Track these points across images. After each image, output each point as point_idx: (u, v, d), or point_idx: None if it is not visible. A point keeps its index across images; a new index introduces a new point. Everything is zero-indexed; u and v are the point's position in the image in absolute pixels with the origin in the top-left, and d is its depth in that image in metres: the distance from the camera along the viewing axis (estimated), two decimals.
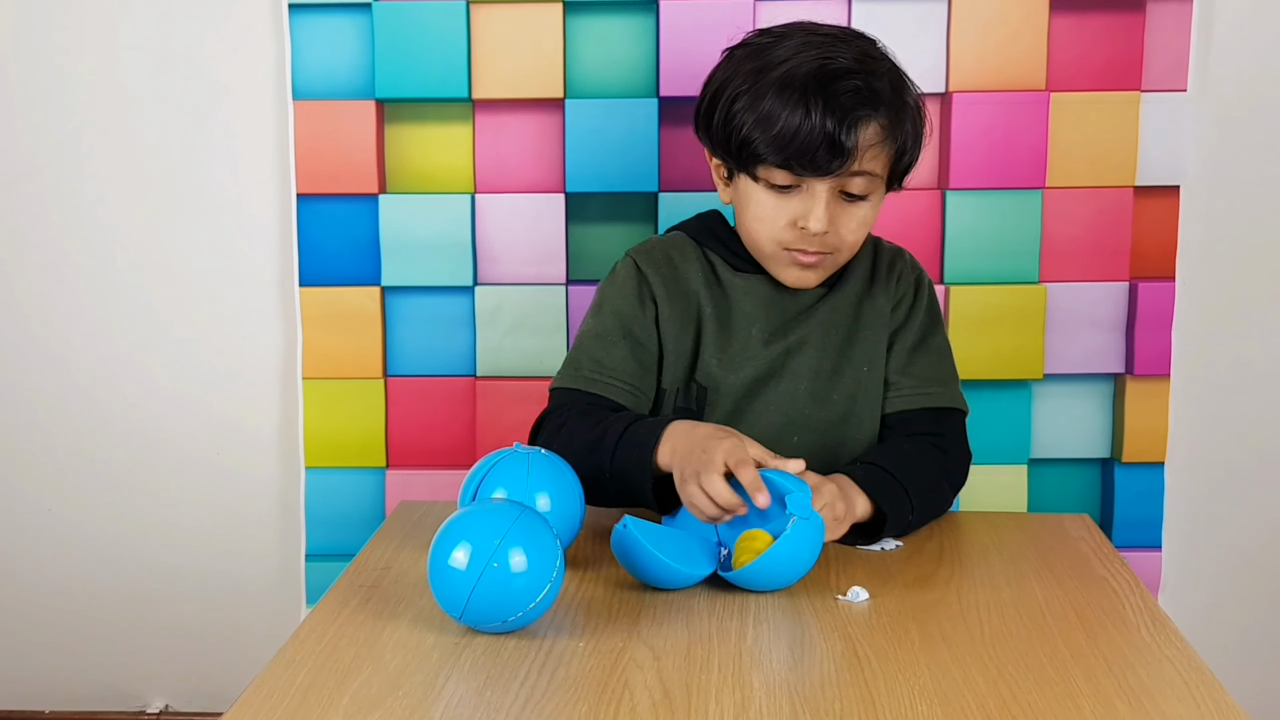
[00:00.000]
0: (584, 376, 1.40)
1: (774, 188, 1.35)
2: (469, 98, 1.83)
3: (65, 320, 1.93)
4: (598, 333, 1.43)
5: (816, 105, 1.29)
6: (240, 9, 1.85)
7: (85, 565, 1.98)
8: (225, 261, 1.91)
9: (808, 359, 1.43)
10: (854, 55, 1.33)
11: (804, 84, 1.30)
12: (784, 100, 1.30)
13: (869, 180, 1.34)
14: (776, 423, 1.41)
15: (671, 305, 1.43)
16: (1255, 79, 1.83)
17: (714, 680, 0.97)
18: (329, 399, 1.89)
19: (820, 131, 1.29)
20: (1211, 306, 1.87)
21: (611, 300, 1.44)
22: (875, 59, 1.35)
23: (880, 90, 1.32)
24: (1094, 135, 1.81)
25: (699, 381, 1.42)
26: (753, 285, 1.44)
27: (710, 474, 1.18)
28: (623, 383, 1.40)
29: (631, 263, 1.46)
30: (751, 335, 1.43)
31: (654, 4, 1.81)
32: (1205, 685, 0.97)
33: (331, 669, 0.99)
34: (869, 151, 1.32)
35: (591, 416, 1.35)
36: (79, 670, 2.01)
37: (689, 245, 1.47)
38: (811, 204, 1.33)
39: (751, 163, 1.34)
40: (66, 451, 1.96)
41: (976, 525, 1.38)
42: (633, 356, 1.41)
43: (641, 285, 1.44)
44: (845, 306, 1.46)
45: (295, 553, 1.94)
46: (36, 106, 1.88)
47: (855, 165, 1.32)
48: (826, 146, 1.29)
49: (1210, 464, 1.91)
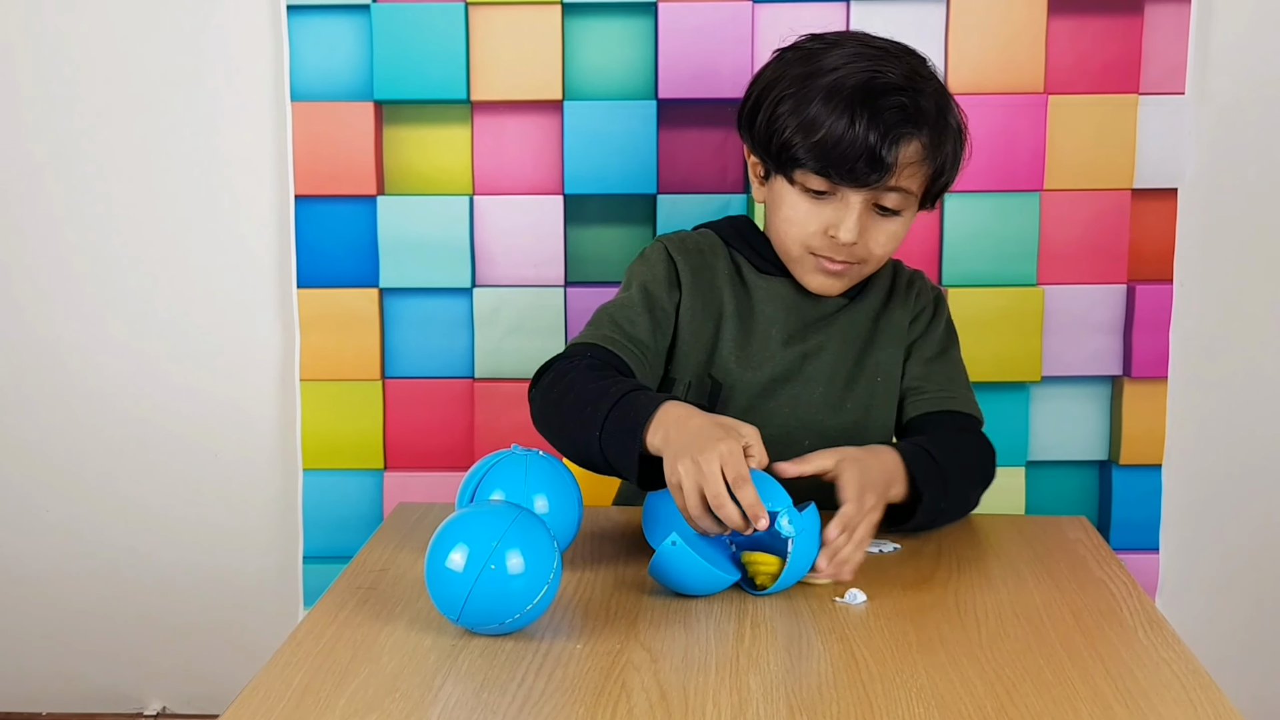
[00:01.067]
0: (603, 334, 1.38)
1: (809, 192, 1.35)
2: (468, 99, 1.83)
3: (63, 321, 1.93)
4: (623, 302, 1.42)
5: (861, 117, 1.29)
6: (238, 10, 1.85)
7: (83, 567, 1.98)
8: (223, 262, 1.91)
9: (824, 364, 1.44)
10: (903, 71, 1.33)
11: (851, 94, 1.30)
12: (829, 108, 1.31)
13: (903, 197, 1.35)
14: (790, 426, 1.42)
15: (696, 295, 1.43)
16: (1253, 82, 1.83)
17: (711, 682, 0.97)
18: (327, 400, 1.89)
19: (862, 143, 1.29)
20: (1209, 309, 1.88)
21: (640, 277, 1.44)
22: (924, 77, 1.36)
23: (926, 109, 1.32)
24: (1092, 138, 1.81)
25: (715, 377, 1.42)
26: (776, 287, 1.44)
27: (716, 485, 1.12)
28: (639, 350, 1.38)
29: (663, 247, 1.46)
30: (771, 335, 1.43)
31: (652, 6, 1.81)
32: (1202, 687, 0.97)
33: (329, 670, 0.99)
34: (908, 169, 1.33)
35: (599, 371, 1.31)
36: (76, 671, 2.01)
37: (718, 243, 1.48)
38: (845, 213, 1.34)
39: (790, 166, 1.35)
40: (64, 453, 1.96)
41: (974, 527, 1.38)
42: (652, 332, 1.40)
43: (670, 269, 1.44)
44: (864, 319, 1.47)
45: (293, 554, 1.94)
46: (35, 107, 1.88)
47: (892, 181, 1.32)
48: (866, 159, 1.30)
49: (1208, 466, 1.91)
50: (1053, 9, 1.80)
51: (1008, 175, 1.82)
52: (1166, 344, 1.85)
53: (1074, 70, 1.81)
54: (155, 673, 2.01)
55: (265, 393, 1.93)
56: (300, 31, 1.82)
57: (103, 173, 1.89)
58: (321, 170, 1.85)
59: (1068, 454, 1.89)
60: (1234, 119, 1.84)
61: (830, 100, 1.31)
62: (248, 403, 1.93)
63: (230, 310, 1.92)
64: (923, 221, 1.83)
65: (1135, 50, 1.81)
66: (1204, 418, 1.90)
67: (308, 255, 1.86)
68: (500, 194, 1.85)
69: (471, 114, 1.84)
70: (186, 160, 1.88)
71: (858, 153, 1.30)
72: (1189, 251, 1.86)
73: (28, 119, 1.88)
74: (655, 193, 1.84)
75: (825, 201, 1.35)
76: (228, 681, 1.95)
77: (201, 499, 1.96)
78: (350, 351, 1.88)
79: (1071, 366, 1.86)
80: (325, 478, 1.90)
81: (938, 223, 1.84)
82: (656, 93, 1.82)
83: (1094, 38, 1.80)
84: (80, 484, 1.96)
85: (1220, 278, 1.87)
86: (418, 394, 1.89)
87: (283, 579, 1.96)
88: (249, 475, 1.95)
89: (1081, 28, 1.80)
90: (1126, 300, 1.85)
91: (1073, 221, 1.83)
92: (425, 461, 1.89)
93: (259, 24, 1.85)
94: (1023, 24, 1.80)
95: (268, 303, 1.91)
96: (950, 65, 1.81)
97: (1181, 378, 1.87)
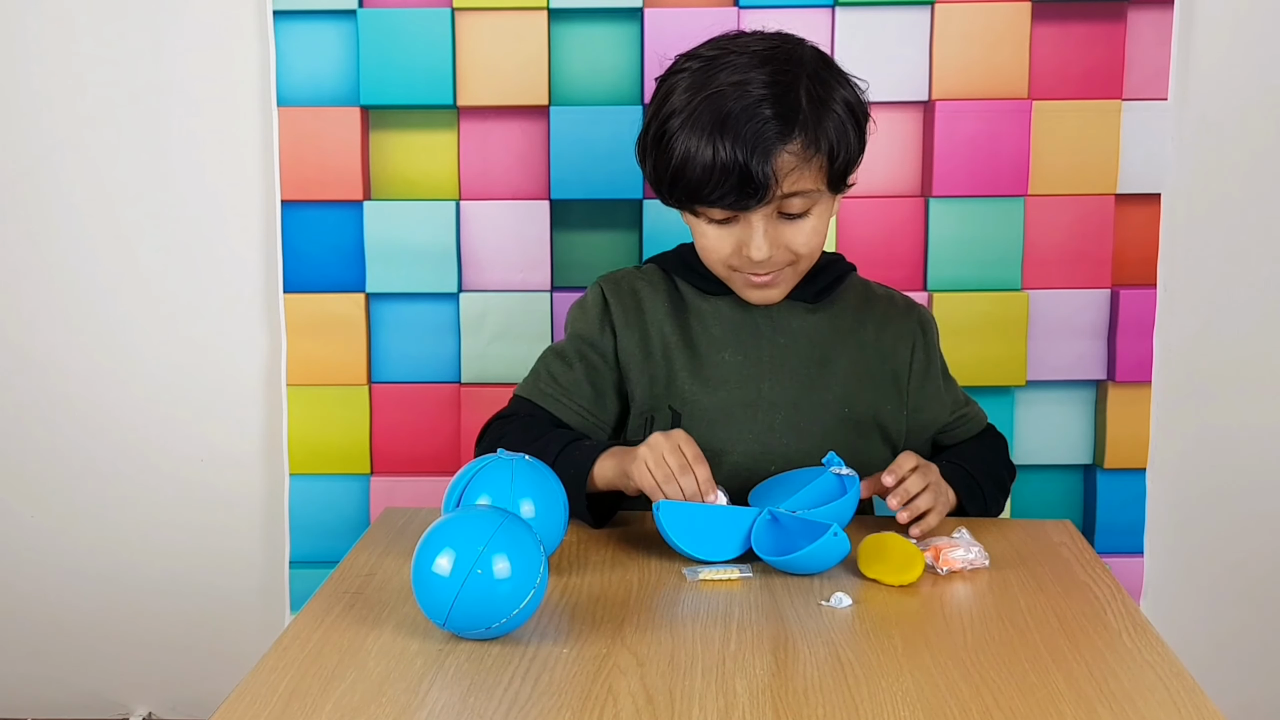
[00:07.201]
0: (539, 389, 1.45)
1: (713, 221, 1.35)
2: (454, 104, 1.83)
3: (48, 326, 1.92)
4: (559, 351, 1.47)
5: (724, 144, 1.28)
6: (225, 15, 1.84)
7: (68, 573, 1.97)
8: (209, 268, 1.90)
9: (783, 383, 1.42)
10: (767, 77, 1.30)
11: (709, 123, 1.29)
12: (694, 142, 1.29)
13: (804, 197, 1.33)
14: (753, 451, 1.41)
15: (630, 335, 1.44)
16: (1236, 87, 1.84)
17: (698, 686, 0.98)
18: (313, 406, 1.89)
19: (734, 168, 1.28)
20: (1193, 313, 1.88)
21: (574, 324, 1.48)
22: (791, 73, 1.31)
23: (791, 109, 1.29)
24: (1076, 143, 1.82)
25: (674, 407, 1.41)
26: (721, 309, 1.44)
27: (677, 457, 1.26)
28: (574, 403, 1.43)
29: (599, 290, 1.48)
30: (724, 358, 1.43)
31: (638, 12, 1.81)
32: (1186, 690, 0.98)
33: (315, 675, 0.99)
34: (792, 174, 1.30)
35: (531, 431, 1.38)
36: (62, 678, 2.01)
37: (659, 276, 1.48)
38: (749, 233, 1.33)
39: (687, 200, 1.35)
40: (49, 459, 1.95)
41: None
42: (587, 380, 1.44)
43: (604, 314, 1.46)
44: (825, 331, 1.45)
45: (279, 559, 1.93)
46: (20, 112, 1.87)
47: (780, 191, 1.30)
48: (741, 183, 1.28)
49: (1191, 470, 1.91)
50: (1036, 15, 1.81)
51: (992, 180, 1.83)
52: (1150, 348, 1.86)
53: (1057, 76, 1.82)
54: (141, 678, 2.01)
55: (252, 398, 1.93)
56: (286, 37, 1.82)
57: (88, 178, 1.89)
58: (308, 175, 1.84)
59: (1052, 458, 1.89)
60: (1217, 124, 1.85)
61: (692, 133, 1.30)
62: (234, 408, 1.93)
63: (217, 315, 1.91)
64: (907, 226, 1.84)
65: (1118, 56, 1.81)
66: (1188, 422, 1.90)
67: (294, 260, 1.86)
68: (486, 199, 1.85)
69: (458, 119, 1.84)
70: (172, 165, 1.88)
71: (732, 180, 1.28)
72: (1172, 256, 1.87)
73: (10, 124, 1.88)
74: (641, 198, 1.84)
75: (732, 225, 1.34)
76: (214, 687, 1.94)
77: (188, 504, 1.95)
78: (337, 356, 1.88)
79: (1056, 371, 1.87)
80: (312, 483, 1.90)
81: (922, 227, 1.85)
82: (643, 98, 1.82)
83: (1077, 44, 1.81)
84: (65, 489, 1.96)
85: (1204, 282, 1.88)
86: (404, 399, 1.89)
87: (269, 584, 1.96)
88: (235, 480, 1.95)
89: (1065, 34, 1.81)
90: (1110, 305, 1.86)
91: (1057, 226, 1.84)
92: (411, 466, 1.89)
93: (245, 29, 1.84)
94: (1006, 30, 1.81)
95: (254, 308, 1.91)
96: (935, 71, 1.81)
97: (1165, 382, 1.88)
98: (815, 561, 1.20)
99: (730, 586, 1.19)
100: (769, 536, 1.24)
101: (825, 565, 1.21)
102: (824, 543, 1.17)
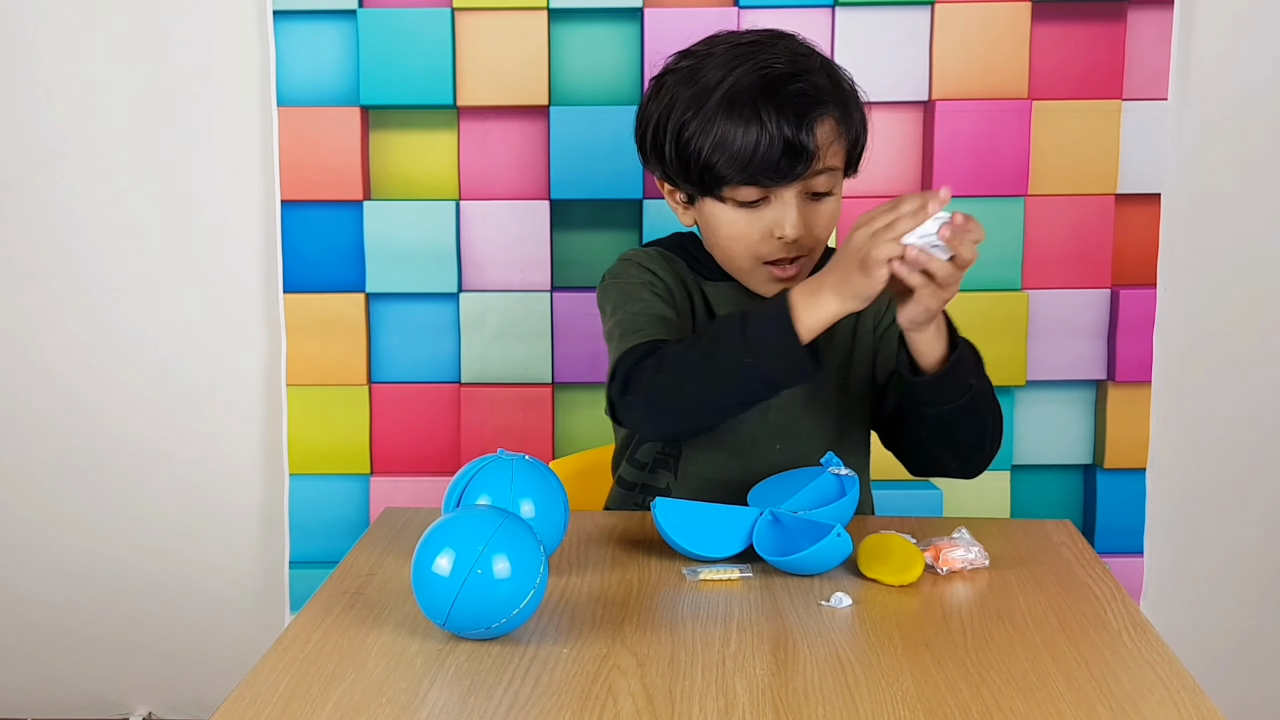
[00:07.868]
0: (645, 334, 1.35)
1: (742, 205, 1.34)
2: (454, 105, 1.83)
3: (48, 326, 1.92)
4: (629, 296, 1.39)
5: (770, 115, 1.28)
6: (225, 15, 1.85)
7: (68, 573, 1.98)
8: (209, 268, 1.91)
9: None
10: (786, 57, 1.32)
11: (751, 97, 1.29)
12: (735, 117, 1.29)
13: (831, 176, 1.34)
14: (757, 431, 1.41)
15: (672, 293, 1.42)
16: (1235, 87, 1.84)
17: (697, 686, 0.97)
18: (313, 406, 1.89)
19: (780, 140, 1.28)
20: (1192, 313, 1.88)
21: (626, 281, 1.42)
22: (806, 55, 1.34)
23: (823, 85, 1.32)
24: (1076, 143, 1.82)
25: None
26: (726, 293, 1.44)
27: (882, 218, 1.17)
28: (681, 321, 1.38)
29: (631, 259, 1.44)
30: None
31: (638, 12, 1.81)
32: (1186, 690, 0.98)
33: (315, 676, 0.99)
34: (830, 148, 1.32)
35: (685, 342, 1.30)
36: (62, 678, 2.01)
37: (670, 253, 1.47)
38: (784, 211, 1.33)
39: (715, 185, 1.33)
40: (49, 458, 1.95)
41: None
42: (669, 305, 1.39)
43: (643, 268, 1.42)
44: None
45: (279, 559, 1.93)
46: (20, 113, 1.88)
47: (819, 164, 1.31)
48: (789, 153, 1.29)
49: (1192, 470, 1.91)
50: (1036, 16, 1.81)
51: (992, 180, 1.83)
52: (1150, 348, 1.86)
53: (1058, 76, 1.82)
54: (141, 678, 2.01)
55: (251, 398, 1.93)
56: (287, 37, 1.82)
57: (89, 178, 1.89)
58: (308, 175, 1.84)
59: (1052, 458, 1.89)
60: (1216, 124, 1.85)
61: (733, 110, 1.30)
62: (234, 408, 1.93)
63: (216, 315, 1.91)
64: None
65: (1118, 56, 1.81)
66: (1188, 421, 1.90)
67: (294, 260, 1.86)
68: (486, 199, 1.85)
69: (458, 119, 1.84)
70: (173, 166, 1.88)
71: (779, 150, 1.29)
72: (1172, 256, 1.87)
73: (10, 125, 1.88)
74: (641, 198, 1.84)
75: (761, 208, 1.34)
76: (213, 687, 1.95)
77: (187, 504, 1.95)
78: (336, 357, 1.88)
79: (1056, 371, 1.87)
80: (311, 483, 1.90)
81: None
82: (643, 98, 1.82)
83: (1077, 44, 1.81)
84: (65, 490, 1.96)
85: (1203, 282, 1.88)
86: (404, 399, 1.89)
87: (269, 584, 1.96)
88: (235, 480, 1.95)
89: (1065, 34, 1.81)
90: (1110, 305, 1.86)
91: (1057, 226, 1.84)
92: (411, 466, 1.89)
93: (246, 30, 1.85)
94: (1007, 31, 1.81)
95: (254, 308, 1.91)
96: (935, 72, 1.81)
97: (1165, 382, 1.88)
98: (818, 562, 1.20)
99: (730, 586, 1.19)
100: (771, 537, 1.24)
101: (828, 566, 1.21)
102: (827, 543, 1.17)
